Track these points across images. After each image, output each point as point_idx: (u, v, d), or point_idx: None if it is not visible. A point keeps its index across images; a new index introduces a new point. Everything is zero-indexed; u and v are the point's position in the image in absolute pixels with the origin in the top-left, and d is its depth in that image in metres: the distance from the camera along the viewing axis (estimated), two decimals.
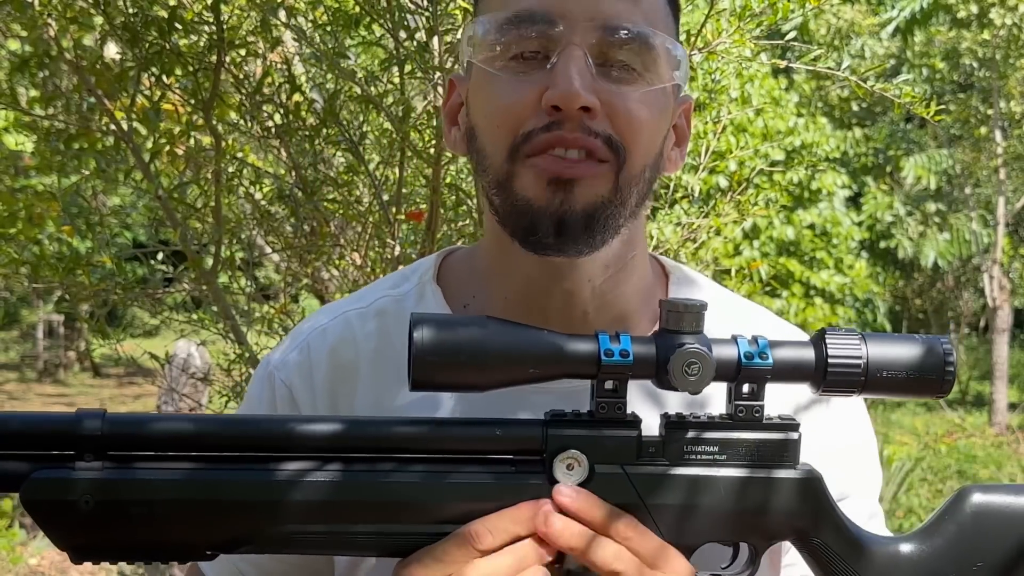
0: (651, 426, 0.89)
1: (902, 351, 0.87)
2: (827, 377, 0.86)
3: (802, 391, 0.91)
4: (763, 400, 0.87)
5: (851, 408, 1.09)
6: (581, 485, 0.85)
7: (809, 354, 0.86)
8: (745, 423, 0.87)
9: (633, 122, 0.96)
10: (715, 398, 0.91)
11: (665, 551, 0.85)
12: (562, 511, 0.83)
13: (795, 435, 0.88)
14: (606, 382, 0.85)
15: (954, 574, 0.91)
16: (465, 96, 1.04)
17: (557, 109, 0.93)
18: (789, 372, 0.86)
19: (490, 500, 0.84)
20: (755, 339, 0.86)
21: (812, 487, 0.88)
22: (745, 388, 0.87)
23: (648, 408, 0.98)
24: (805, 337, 0.92)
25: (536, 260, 0.98)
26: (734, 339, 0.86)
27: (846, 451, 1.06)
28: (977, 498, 0.92)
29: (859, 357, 0.85)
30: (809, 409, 1.04)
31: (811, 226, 9.67)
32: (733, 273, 3.70)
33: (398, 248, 2.29)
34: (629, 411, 0.86)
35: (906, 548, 0.91)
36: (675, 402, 0.98)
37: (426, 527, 0.84)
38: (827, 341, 0.86)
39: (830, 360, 0.85)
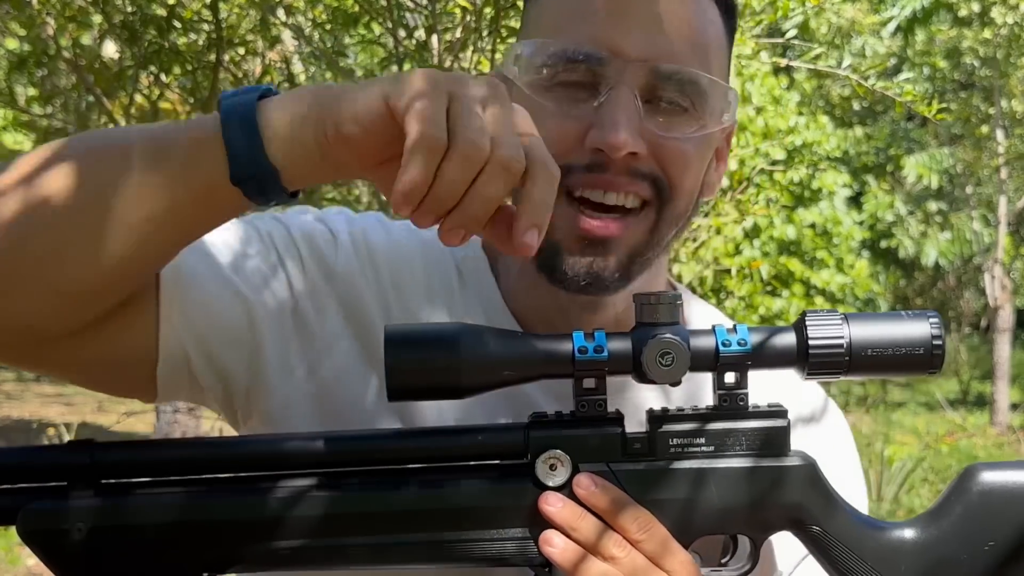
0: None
1: (887, 329, 0.85)
2: (810, 360, 0.85)
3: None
4: (747, 388, 0.86)
5: (836, 430, 1.08)
6: (565, 485, 0.84)
7: (790, 338, 0.85)
8: (730, 413, 0.86)
9: (679, 164, 0.95)
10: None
11: (661, 557, 0.84)
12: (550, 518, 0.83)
13: (783, 422, 0.87)
14: (584, 380, 0.84)
15: (965, 556, 0.88)
16: None
17: (602, 151, 0.91)
18: (771, 358, 0.85)
19: (478, 506, 0.84)
20: (734, 327, 0.86)
21: (806, 474, 0.87)
22: (728, 377, 0.86)
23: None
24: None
25: (556, 293, 0.98)
26: (712, 328, 0.85)
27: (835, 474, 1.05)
28: (984, 477, 0.90)
29: (841, 338, 0.84)
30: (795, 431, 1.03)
31: (812, 225, 9.66)
32: (734, 273, 3.70)
33: None
34: (612, 408, 0.86)
35: (912, 533, 0.89)
36: (678, 399, 0.97)
37: (417, 536, 0.84)
38: (807, 324, 0.85)
39: (811, 343, 0.84)
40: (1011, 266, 11.51)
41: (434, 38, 2.05)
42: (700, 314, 1.09)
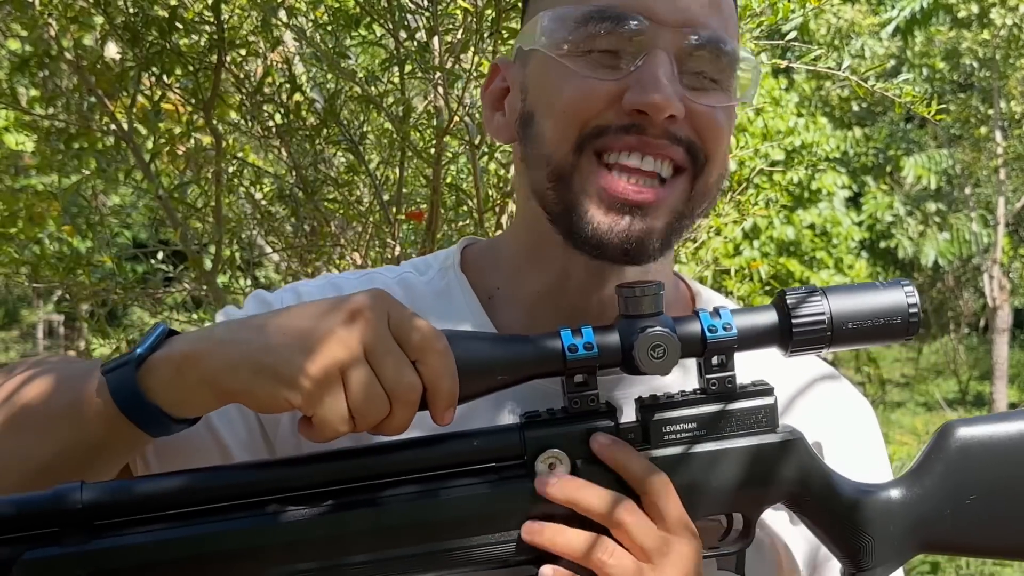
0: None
1: (864, 300, 0.86)
2: (794, 337, 0.86)
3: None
4: (733, 370, 0.87)
5: (849, 397, 1.08)
6: None
7: (772, 317, 0.87)
8: (719, 395, 0.87)
9: (715, 132, 0.94)
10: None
11: (665, 544, 0.84)
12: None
13: (771, 399, 0.88)
14: (575, 376, 0.85)
15: (948, 510, 0.91)
16: (520, 82, 1.00)
17: (641, 113, 0.90)
18: (755, 338, 0.86)
19: (479, 511, 0.84)
20: (717, 311, 0.87)
21: (795, 448, 0.88)
22: (714, 360, 0.87)
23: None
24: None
25: (584, 262, 0.96)
26: (696, 314, 0.86)
27: (854, 441, 1.04)
28: (961, 432, 0.92)
29: (822, 313, 0.85)
30: (812, 403, 1.03)
31: (811, 226, 9.66)
32: (733, 273, 3.70)
33: (398, 248, 2.29)
34: (603, 401, 0.86)
35: (898, 492, 0.92)
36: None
37: (419, 548, 0.83)
38: (788, 301, 0.86)
39: (794, 320, 0.85)
40: (1009, 266, 11.50)
41: (435, 40, 2.06)
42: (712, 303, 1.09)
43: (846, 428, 1.04)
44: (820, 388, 1.04)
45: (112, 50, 2.33)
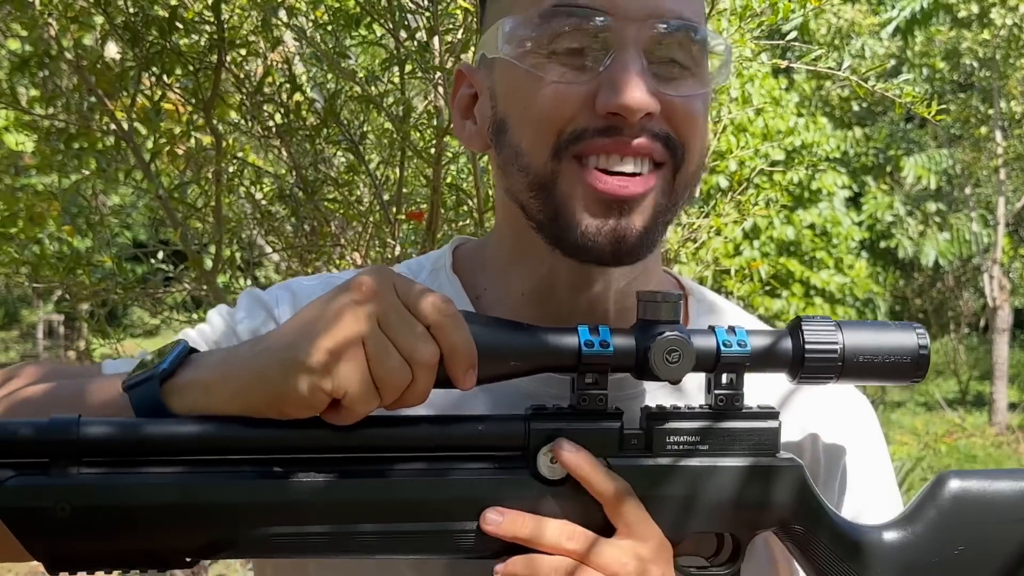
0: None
1: (877, 337, 0.87)
2: (805, 364, 0.86)
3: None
4: (742, 389, 0.87)
5: (848, 393, 1.07)
6: (564, 478, 0.85)
7: (787, 343, 0.87)
8: (725, 412, 0.88)
9: (691, 122, 0.92)
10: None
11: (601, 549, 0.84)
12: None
13: (775, 423, 0.89)
14: (586, 375, 0.85)
15: (936, 558, 0.91)
16: (489, 88, 0.98)
17: (615, 114, 0.88)
18: (767, 360, 0.87)
19: (477, 496, 0.84)
20: (732, 328, 0.87)
21: (793, 475, 0.89)
22: (724, 378, 0.87)
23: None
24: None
25: (570, 265, 0.95)
26: (712, 329, 0.86)
27: (859, 455, 1.04)
28: (954, 484, 0.93)
29: (835, 343, 0.86)
30: (815, 410, 1.03)
31: (811, 226, 9.66)
32: (733, 273, 3.70)
33: (398, 248, 2.29)
34: (611, 404, 0.86)
35: (889, 535, 0.92)
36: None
37: (410, 525, 0.83)
38: (803, 329, 0.86)
39: (807, 347, 0.86)
40: (1010, 266, 11.50)
41: (435, 40, 2.06)
42: (720, 312, 1.08)
43: (848, 428, 1.04)
44: (824, 388, 1.04)
45: (112, 50, 2.33)
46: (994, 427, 10.45)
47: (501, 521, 0.83)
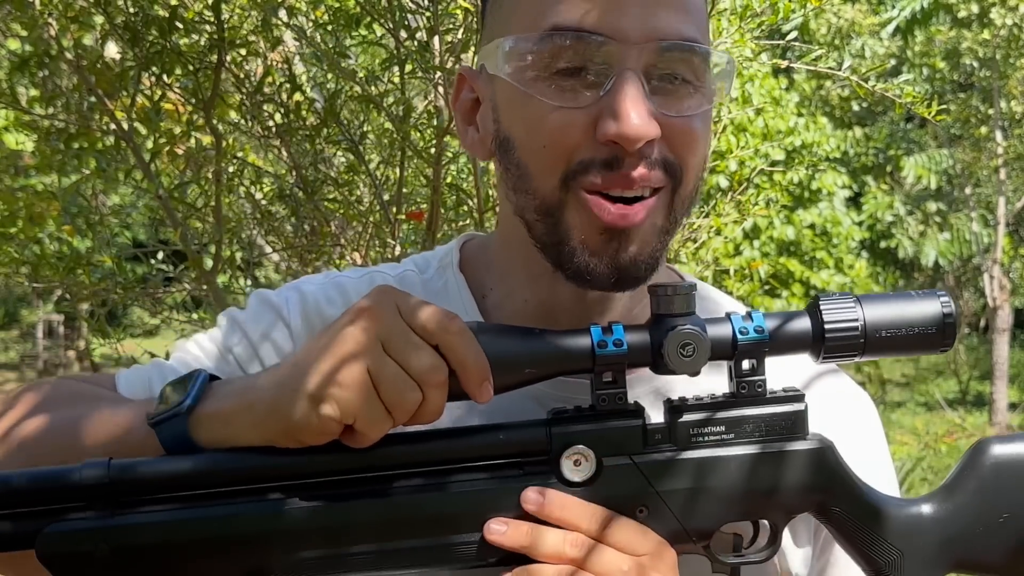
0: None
1: (899, 309, 0.85)
2: (826, 343, 0.85)
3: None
4: (764, 375, 0.86)
5: (851, 391, 1.07)
6: (590, 480, 0.85)
7: (805, 323, 0.86)
8: (749, 399, 0.86)
9: (690, 142, 0.92)
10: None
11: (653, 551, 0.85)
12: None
13: (801, 406, 0.87)
14: (604, 374, 0.85)
15: (980, 528, 0.89)
16: (490, 99, 0.97)
17: (615, 142, 0.88)
18: (787, 343, 0.86)
19: (502, 505, 0.84)
20: (749, 314, 0.86)
21: (825, 456, 0.87)
22: (745, 364, 0.86)
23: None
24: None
25: (571, 287, 0.94)
26: (728, 316, 0.85)
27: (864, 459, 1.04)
28: (996, 450, 0.90)
29: (856, 319, 0.85)
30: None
31: (811, 226, 9.67)
32: (733, 273, 3.70)
33: (398, 248, 2.29)
34: (631, 400, 0.86)
35: (928, 508, 0.90)
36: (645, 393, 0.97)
37: (440, 539, 0.83)
38: (822, 307, 0.85)
39: (827, 326, 0.85)
40: (1010, 266, 11.51)
41: (435, 39, 2.06)
42: (717, 302, 1.08)
43: (848, 423, 1.04)
44: (822, 383, 1.04)
45: (112, 50, 2.33)
46: (994, 427, 10.45)
47: (505, 531, 0.83)
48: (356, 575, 0.83)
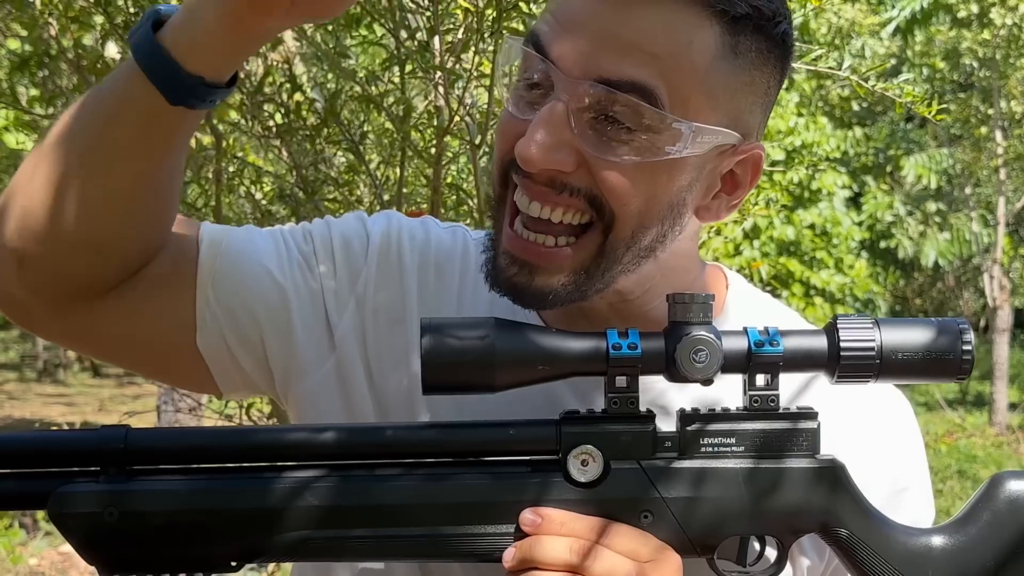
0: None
1: (917, 334, 0.86)
2: (841, 363, 0.85)
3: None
4: (778, 390, 0.87)
5: (894, 403, 1.05)
6: (596, 481, 0.85)
7: (821, 342, 0.86)
8: (761, 413, 0.87)
9: (614, 188, 0.89)
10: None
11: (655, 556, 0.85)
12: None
13: (813, 424, 0.88)
14: (617, 378, 0.85)
15: (992, 563, 0.89)
16: None
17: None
18: (802, 360, 0.86)
19: (509, 500, 0.85)
20: (766, 329, 0.86)
21: (834, 476, 0.87)
22: (759, 379, 0.86)
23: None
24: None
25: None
26: (744, 329, 0.86)
27: (894, 444, 1.03)
28: (1012, 485, 0.90)
29: (872, 341, 0.85)
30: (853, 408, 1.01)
31: (811, 226, 9.68)
32: None
33: None
34: (643, 407, 0.87)
35: (939, 539, 0.90)
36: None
37: (445, 530, 0.85)
38: (839, 327, 0.85)
39: (843, 346, 0.85)
40: (1010, 266, 11.50)
41: (436, 39, 2.06)
42: (775, 319, 1.04)
43: (883, 424, 1.03)
44: (865, 391, 1.03)
45: (112, 50, 2.33)
46: (994, 427, 10.45)
47: (540, 522, 0.84)
48: (358, 559, 0.85)
